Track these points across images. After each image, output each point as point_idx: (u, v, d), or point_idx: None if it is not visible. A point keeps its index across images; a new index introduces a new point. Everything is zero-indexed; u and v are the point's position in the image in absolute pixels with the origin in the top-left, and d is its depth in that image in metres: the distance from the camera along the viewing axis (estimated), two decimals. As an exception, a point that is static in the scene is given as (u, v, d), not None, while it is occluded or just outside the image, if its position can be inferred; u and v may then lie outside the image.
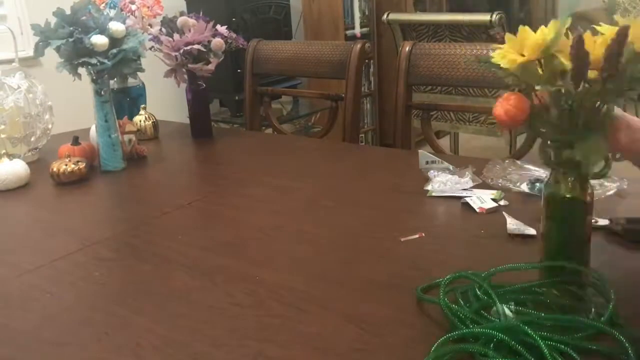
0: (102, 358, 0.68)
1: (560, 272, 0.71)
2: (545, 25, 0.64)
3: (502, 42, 0.66)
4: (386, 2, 3.47)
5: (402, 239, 0.91)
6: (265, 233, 1.00)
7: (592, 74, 0.62)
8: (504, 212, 0.96)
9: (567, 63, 0.62)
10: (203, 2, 2.47)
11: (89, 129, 1.50)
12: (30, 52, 1.47)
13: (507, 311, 0.65)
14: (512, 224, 0.92)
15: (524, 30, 0.64)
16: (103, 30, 1.28)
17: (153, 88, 1.87)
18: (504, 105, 0.66)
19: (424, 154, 1.18)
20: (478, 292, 0.68)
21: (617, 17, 0.63)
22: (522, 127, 0.70)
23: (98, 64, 1.27)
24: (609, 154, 0.66)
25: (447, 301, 0.68)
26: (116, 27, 1.29)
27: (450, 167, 1.16)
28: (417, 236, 0.91)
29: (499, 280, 0.72)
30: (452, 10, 3.85)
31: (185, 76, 1.58)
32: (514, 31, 0.66)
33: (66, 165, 1.30)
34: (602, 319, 0.63)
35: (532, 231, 0.89)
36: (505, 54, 0.65)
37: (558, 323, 0.63)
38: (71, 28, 1.26)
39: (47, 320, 0.77)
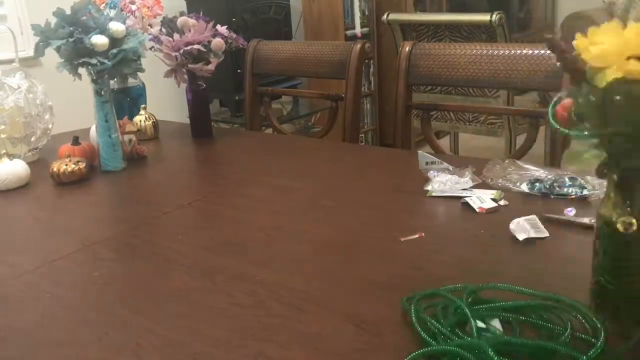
0: (102, 358, 0.68)
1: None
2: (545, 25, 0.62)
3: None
4: (386, 2, 3.47)
5: (402, 239, 0.91)
6: (265, 233, 1.00)
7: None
8: (519, 220, 0.93)
9: None
10: (203, 2, 2.47)
11: (89, 129, 1.50)
12: (31, 52, 1.47)
13: (487, 327, 0.64)
14: (514, 224, 0.91)
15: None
16: (103, 30, 1.28)
17: (153, 88, 1.87)
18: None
19: (424, 155, 1.18)
20: (462, 306, 0.67)
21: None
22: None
23: (98, 64, 1.27)
24: None
25: (423, 315, 0.67)
26: (116, 27, 1.29)
27: (450, 168, 1.16)
28: (417, 236, 0.91)
29: (493, 293, 0.71)
30: (452, 10, 3.84)
31: (185, 76, 1.58)
32: (514, 31, 0.65)
33: (66, 165, 1.30)
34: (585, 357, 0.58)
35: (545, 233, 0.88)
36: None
37: (533, 349, 0.60)
38: (71, 28, 1.26)
39: (47, 320, 0.77)
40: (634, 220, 0.59)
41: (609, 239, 0.63)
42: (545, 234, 0.89)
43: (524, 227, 0.89)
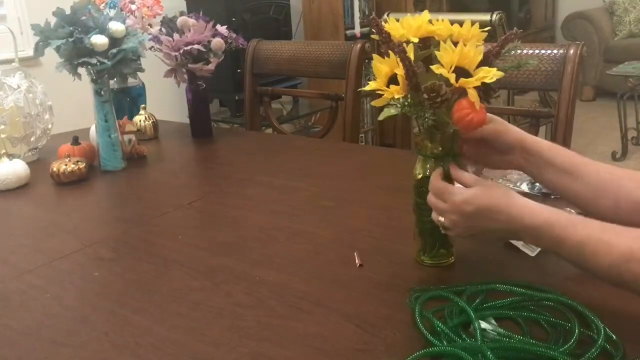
0: (102, 358, 0.68)
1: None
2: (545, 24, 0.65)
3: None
4: (386, 2, 3.47)
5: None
6: (265, 233, 1.00)
7: None
8: None
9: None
10: (203, 2, 2.47)
11: (89, 129, 1.50)
12: (30, 52, 1.47)
13: (488, 327, 0.64)
14: None
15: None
16: (103, 30, 1.28)
17: (153, 88, 1.87)
18: None
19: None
20: (464, 305, 0.67)
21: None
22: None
23: (98, 64, 1.27)
24: None
25: (428, 315, 0.67)
26: (116, 27, 1.29)
27: (450, 167, 1.15)
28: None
29: (494, 294, 0.71)
30: (452, 10, 3.85)
31: (185, 76, 1.58)
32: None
33: (66, 165, 1.30)
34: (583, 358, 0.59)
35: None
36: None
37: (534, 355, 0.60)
38: (71, 28, 1.26)
39: (47, 320, 0.77)
40: (421, 171, 0.82)
41: (416, 190, 0.83)
42: (533, 252, 0.84)
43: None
